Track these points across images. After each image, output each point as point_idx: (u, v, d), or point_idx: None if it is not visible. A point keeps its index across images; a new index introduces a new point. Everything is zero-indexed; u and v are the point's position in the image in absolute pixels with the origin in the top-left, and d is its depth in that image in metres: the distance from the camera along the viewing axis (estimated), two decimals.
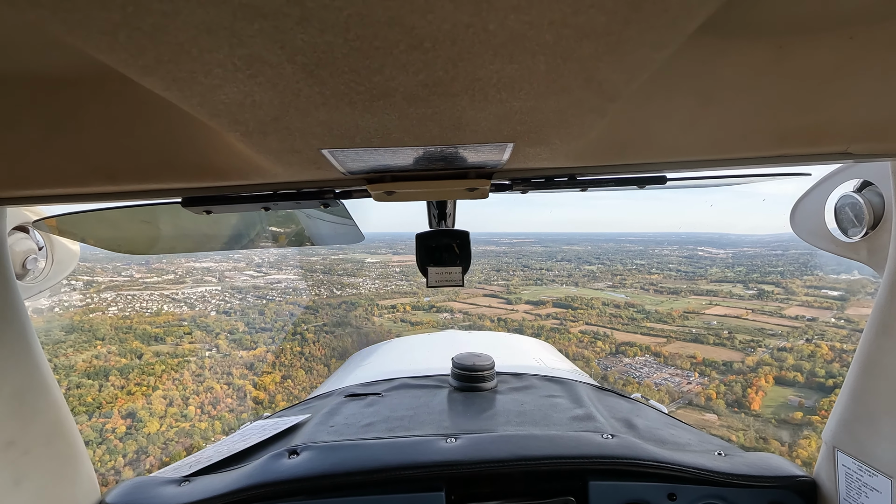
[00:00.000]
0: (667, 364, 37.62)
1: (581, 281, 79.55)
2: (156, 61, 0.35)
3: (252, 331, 48.93)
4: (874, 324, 0.99)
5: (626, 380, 33.94)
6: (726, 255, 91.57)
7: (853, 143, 0.72)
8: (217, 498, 1.06)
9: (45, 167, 0.70)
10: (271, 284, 76.70)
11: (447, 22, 0.32)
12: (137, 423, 26.19)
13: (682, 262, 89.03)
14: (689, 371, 35.93)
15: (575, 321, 51.44)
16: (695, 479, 1.11)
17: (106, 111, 0.62)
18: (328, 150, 0.59)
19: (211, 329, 46.97)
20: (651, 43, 0.36)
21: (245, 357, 40.58)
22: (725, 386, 31.67)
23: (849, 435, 1.03)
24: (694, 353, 39.36)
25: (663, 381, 34.41)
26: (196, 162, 0.71)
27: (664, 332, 45.94)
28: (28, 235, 1.12)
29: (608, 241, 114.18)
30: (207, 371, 36.19)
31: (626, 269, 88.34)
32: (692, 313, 55.70)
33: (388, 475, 1.09)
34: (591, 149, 0.73)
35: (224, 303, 61.12)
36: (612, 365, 38.40)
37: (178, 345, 40.54)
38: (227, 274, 79.98)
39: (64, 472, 1.01)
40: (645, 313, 57.14)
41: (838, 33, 0.53)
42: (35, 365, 0.98)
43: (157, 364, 34.91)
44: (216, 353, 41.10)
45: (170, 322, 48.69)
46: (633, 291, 70.65)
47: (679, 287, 72.53)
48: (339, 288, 73.19)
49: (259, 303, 61.96)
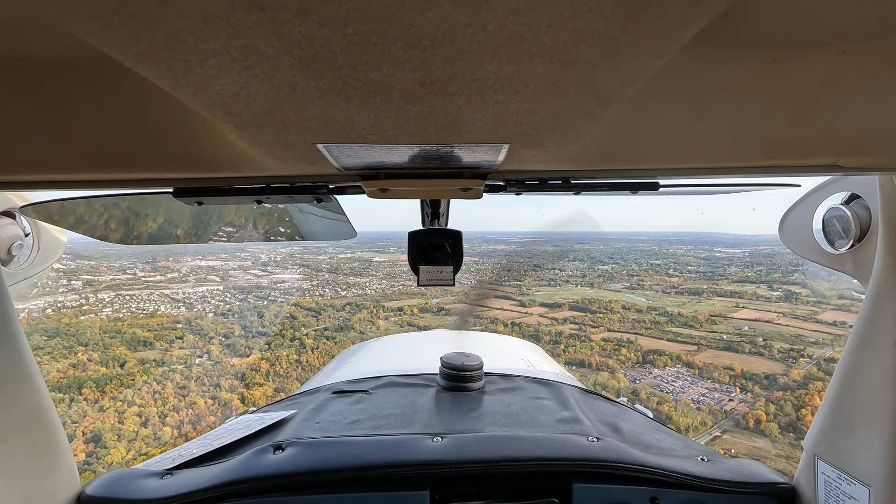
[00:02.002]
0: (702, 376, 33.37)
1: (596, 282, 75.53)
2: (150, 49, 0.34)
3: (248, 335, 45.35)
4: (857, 335, 1.00)
5: (660, 397, 29.73)
6: (742, 255, 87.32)
7: (842, 157, 0.72)
8: (199, 492, 1.04)
9: (35, 152, 0.68)
10: (275, 284, 73.39)
11: (446, 21, 0.32)
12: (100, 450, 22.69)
13: (700, 262, 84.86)
14: (729, 385, 31.69)
15: (595, 327, 47.21)
16: (677, 483, 1.11)
17: (98, 98, 0.60)
18: (323, 144, 0.58)
19: (205, 333, 43.51)
20: (647, 50, 0.36)
21: (237, 365, 36.96)
22: (774, 405, 27.38)
23: (829, 443, 1.05)
24: (730, 363, 35.11)
25: (701, 397, 30.15)
26: (188, 152, 0.69)
27: (693, 339, 41.82)
28: (14, 221, 1.10)
29: (620, 240, 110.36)
30: (193, 383, 32.72)
31: (643, 269, 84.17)
32: (719, 317, 51.51)
33: (373, 473, 1.08)
34: (586, 153, 0.72)
35: (223, 304, 57.84)
36: (641, 377, 34.23)
37: (167, 350, 37.15)
38: (231, 273, 76.91)
39: (43, 462, 0.99)
40: (668, 316, 53.14)
41: (832, 49, 0.53)
42: (17, 353, 0.95)
43: (138, 374, 31.36)
44: (206, 361, 37.65)
45: (163, 325, 45.49)
46: (652, 294, 66.58)
47: (700, 288, 68.25)
48: (344, 288, 69.65)
49: (260, 304, 58.65)
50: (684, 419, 27.00)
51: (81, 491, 1.08)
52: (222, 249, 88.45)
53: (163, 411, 27.58)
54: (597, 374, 34.62)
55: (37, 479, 0.97)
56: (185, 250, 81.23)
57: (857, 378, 0.99)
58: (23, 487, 0.94)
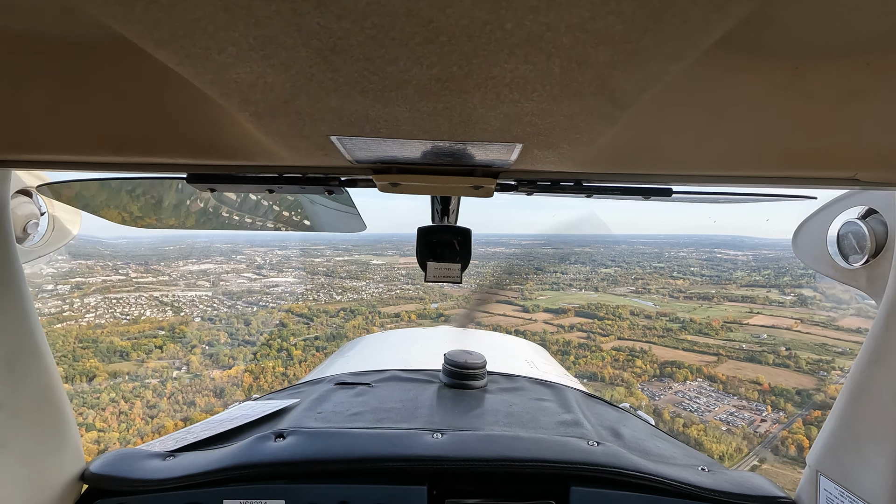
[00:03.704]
0: (726, 392, 30.08)
1: (601, 286, 72.27)
2: (170, 35, 0.34)
3: (234, 343, 42.06)
4: (867, 351, 0.98)
5: (685, 417, 26.38)
6: (746, 258, 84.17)
7: (862, 170, 0.70)
8: (200, 475, 1.05)
9: (53, 132, 0.68)
10: (267, 288, 69.85)
11: (465, 17, 0.31)
12: None
13: (703, 264, 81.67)
14: (759, 403, 28.39)
15: (605, 335, 43.96)
16: (676, 492, 1.09)
17: (118, 81, 0.59)
18: (337, 136, 0.58)
19: (187, 341, 40.20)
20: (667, 54, 0.36)
21: (217, 379, 33.59)
22: (815, 427, 24.00)
23: (833, 460, 1.03)
24: (755, 376, 31.85)
25: (730, 416, 26.80)
26: (204, 139, 0.69)
27: (710, 348, 38.62)
28: (31, 200, 1.10)
29: (620, 242, 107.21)
30: (165, 401, 29.37)
31: (646, 272, 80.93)
32: (734, 323, 48.25)
33: (372, 466, 1.08)
34: (599, 156, 0.70)
35: (211, 309, 54.46)
36: (660, 392, 30.94)
37: (144, 362, 33.75)
38: (224, 277, 73.48)
39: (50, 438, 0.99)
40: (679, 322, 49.91)
41: (855, 59, 0.51)
42: (29, 329, 0.96)
43: (104, 392, 27.91)
44: (185, 374, 34.31)
45: (144, 332, 42.12)
46: (660, 298, 63.28)
47: (708, 292, 65.00)
48: (339, 292, 66.26)
49: (249, 310, 55.28)
50: (717, 446, 23.69)
51: (86, 468, 1.08)
52: (218, 252, 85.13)
53: (125, 437, 24.19)
54: (612, 390, 31.32)
55: (43, 455, 0.98)
56: (188, 248, 77.63)
57: (865, 395, 0.96)
58: (29, 461, 0.94)
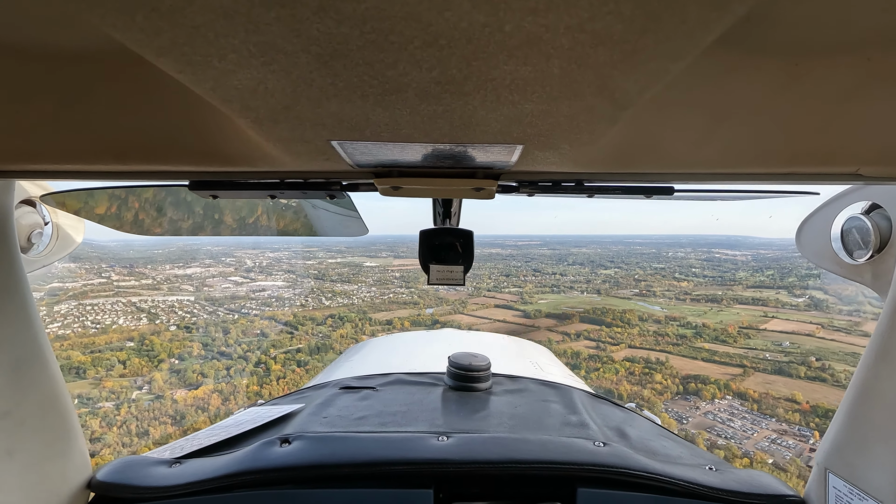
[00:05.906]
0: (762, 412, 26.15)
1: (603, 288, 68.56)
2: (171, 43, 0.34)
3: (207, 356, 37.67)
4: (873, 348, 0.97)
5: (725, 448, 22.33)
6: (746, 258, 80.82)
7: (864, 165, 0.70)
8: (207, 481, 1.04)
9: (56, 143, 0.68)
10: (253, 293, 65.22)
11: (464, 20, 0.31)
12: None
13: (704, 265, 78.20)
14: (801, 426, 24.47)
15: (615, 344, 40.01)
16: (684, 492, 1.08)
17: (119, 90, 0.60)
18: (337, 141, 0.58)
19: (155, 354, 35.85)
20: (666, 54, 0.35)
21: (181, 401, 29.37)
22: None
23: (841, 458, 1.02)
24: (789, 392, 28.01)
25: (772, 444, 22.77)
26: (205, 146, 0.69)
27: (732, 358, 34.83)
28: (35, 210, 1.11)
29: (616, 243, 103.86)
30: (114, 431, 25.17)
31: (647, 273, 77.30)
32: (750, 329, 44.49)
33: (378, 469, 1.07)
34: (601, 155, 0.70)
35: (190, 315, 49.89)
36: (687, 413, 26.98)
37: (101, 381, 29.47)
38: (208, 281, 68.86)
39: (57, 446, 0.99)
40: (692, 328, 46.10)
41: (856, 55, 0.51)
42: (34, 337, 0.97)
43: None
44: (144, 395, 30.07)
45: (111, 343, 37.69)
46: (666, 301, 59.57)
47: (715, 294, 61.32)
48: (329, 297, 61.86)
49: (230, 317, 50.79)
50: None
51: (92, 476, 1.07)
52: (208, 254, 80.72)
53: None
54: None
55: (50, 462, 0.97)
56: (178, 251, 72.72)
57: (872, 393, 0.95)
58: (36, 469, 0.94)
